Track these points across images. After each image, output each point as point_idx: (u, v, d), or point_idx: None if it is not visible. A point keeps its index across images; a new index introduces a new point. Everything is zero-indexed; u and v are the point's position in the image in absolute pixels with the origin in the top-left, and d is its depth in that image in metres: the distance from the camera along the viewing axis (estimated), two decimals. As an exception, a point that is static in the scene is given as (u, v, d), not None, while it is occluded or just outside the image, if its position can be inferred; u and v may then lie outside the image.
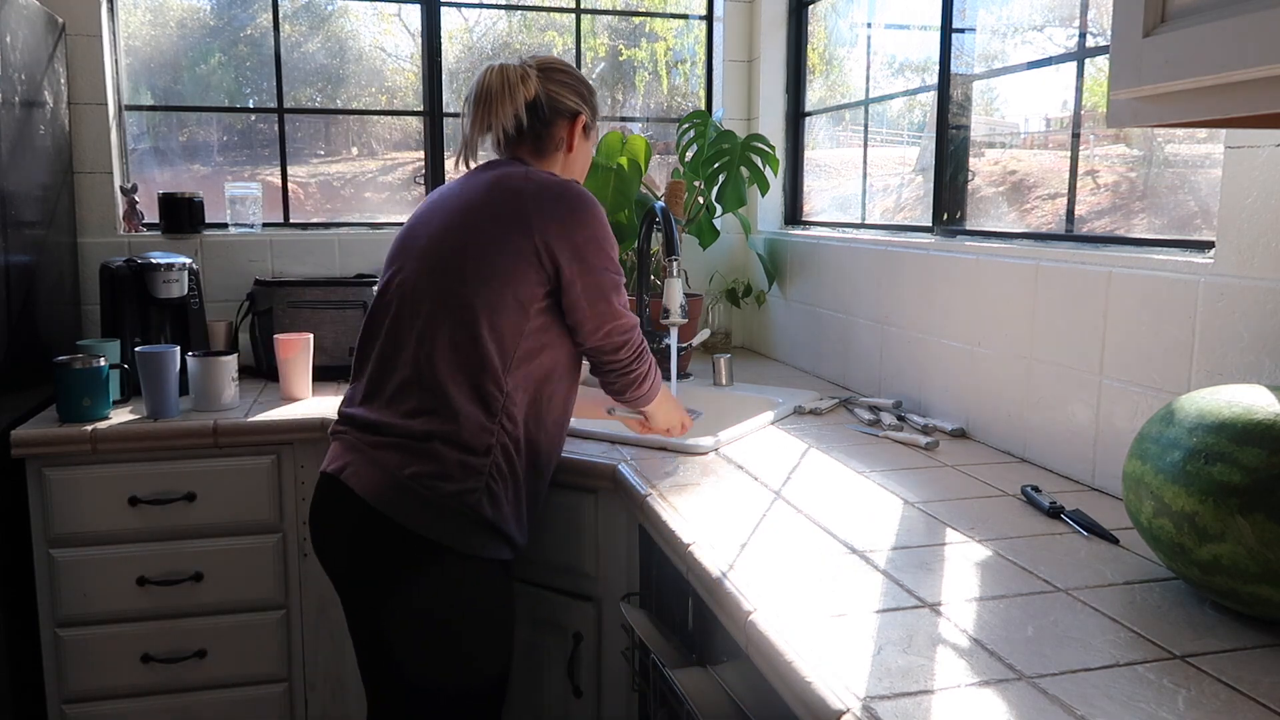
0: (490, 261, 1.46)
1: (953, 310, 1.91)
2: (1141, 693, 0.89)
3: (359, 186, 2.93)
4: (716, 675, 1.29)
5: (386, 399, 1.49)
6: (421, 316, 1.48)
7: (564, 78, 1.61)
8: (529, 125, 1.58)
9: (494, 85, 1.55)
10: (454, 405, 1.44)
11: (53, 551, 1.96)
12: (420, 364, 1.46)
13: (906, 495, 1.51)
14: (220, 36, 2.75)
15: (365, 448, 1.47)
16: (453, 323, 1.46)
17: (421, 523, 1.42)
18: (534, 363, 1.50)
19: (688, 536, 1.32)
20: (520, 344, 1.47)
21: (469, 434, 1.44)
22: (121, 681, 2.03)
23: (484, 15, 3.01)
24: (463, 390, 1.45)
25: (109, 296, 2.24)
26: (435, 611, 1.47)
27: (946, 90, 2.11)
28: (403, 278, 1.53)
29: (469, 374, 1.45)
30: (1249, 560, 0.97)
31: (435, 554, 1.44)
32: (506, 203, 1.48)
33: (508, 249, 1.46)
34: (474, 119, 1.57)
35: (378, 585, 1.47)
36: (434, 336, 1.46)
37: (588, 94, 1.64)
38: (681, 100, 3.15)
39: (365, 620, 1.53)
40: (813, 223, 2.82)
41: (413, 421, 1.45)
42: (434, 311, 1.47)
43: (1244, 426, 1.00)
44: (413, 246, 1.54)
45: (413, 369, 1.47)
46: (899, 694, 0.89)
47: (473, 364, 1.45)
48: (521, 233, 1.46)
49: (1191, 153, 1.65)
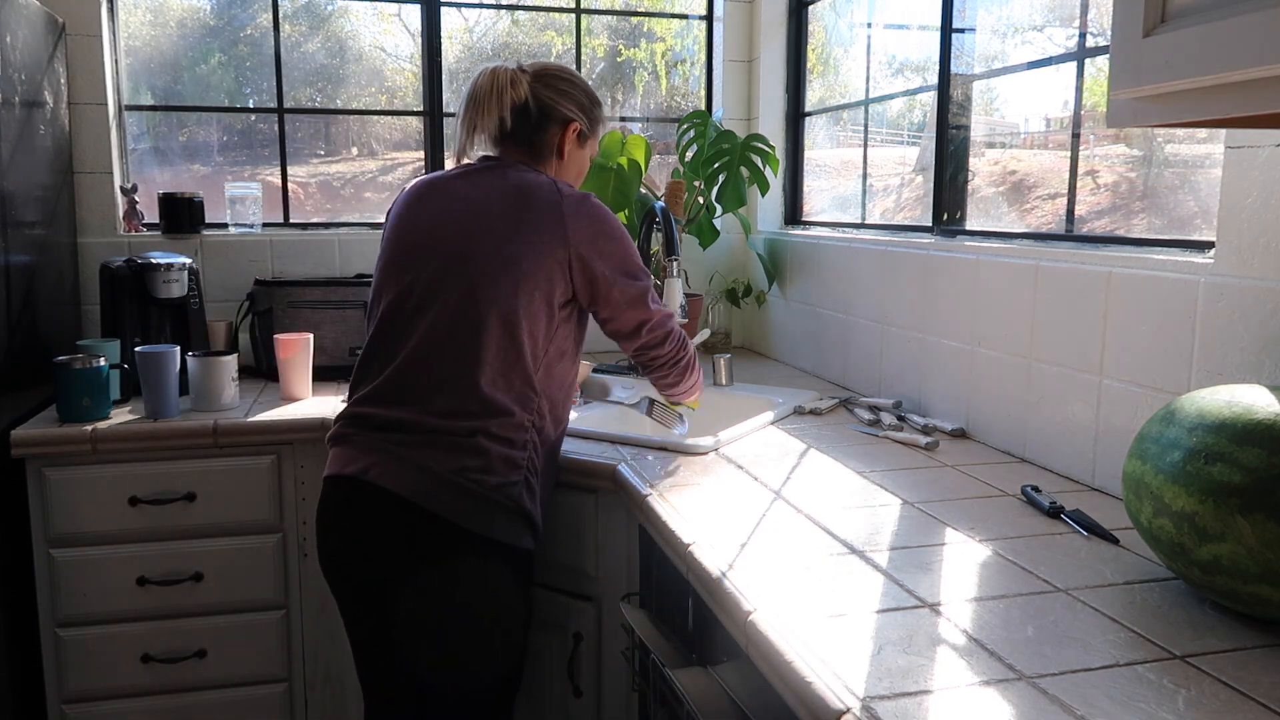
0: (530, 268, 1.49)
1: (953, 310, 1.91)
2: (1141, 693, 0.89)
3: (359, 186, 2.93)
4: (716, 675, 1.29)
5: (418, 398, 1.48)
6: (460, 317, 1.48)
7: (562, 85, 1.61)
8: (518, 128, 1.59)
9: (483, 87, 1.57)
10: (498, 403, 1.48)
11: (53, 551, 1.96)
12: (462, 363, 1.47)
13: (906, 495, 1.51)
14: (220, 36, 2.75)
15: (391, 446, 1.47)
16: (496, 325, 1.48)
17: (467, 515, 1.45)
18: (556, 365, 1.56)
19: (688, 536, 1.32)
20: (549, 347, 1.53)
21: (511, 430, 1.49)
22: (121, 682, 2.02)
23: (484, 15, 3.01)
24: (506, 389, 1.49)
25: (109, 296, 2.24)
26: (473, 604, 1.49)
27: (946, 90, 2.11)
28: (429, 277, 1.52)
29: (510, 374, 1.49)
30: (1249, 560, 0.97)
31: (477, 547, 1.46)
32: (542, 212, 1.51)
33: (547, 258, 1.50)
34: (466, 120, 1.59)
35: (414, 584, 1.46)
36: (475, 337, 1.47)
37: (588, 104, 1.64)
38: (681, 100, 3.15)
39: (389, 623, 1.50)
40: (813, 223, 2.82)
41: (455, 419, 1.46)
42: (472, 315, 1.48)
43: (1244, 426, 1.00)
44: (435, 250, 1.53)
45: (451, 368, 1.48)
46: (899, 694, 0.89)
47: (514, 364, 1.49)
48: (559, 242, 1.50)
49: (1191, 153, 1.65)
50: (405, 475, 1.45)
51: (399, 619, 1.49)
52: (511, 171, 1.57)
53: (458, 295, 1.49)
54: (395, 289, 1.55)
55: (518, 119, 1.58)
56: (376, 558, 1.49)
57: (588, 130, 1.65)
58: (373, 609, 1.52)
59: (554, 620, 1.77)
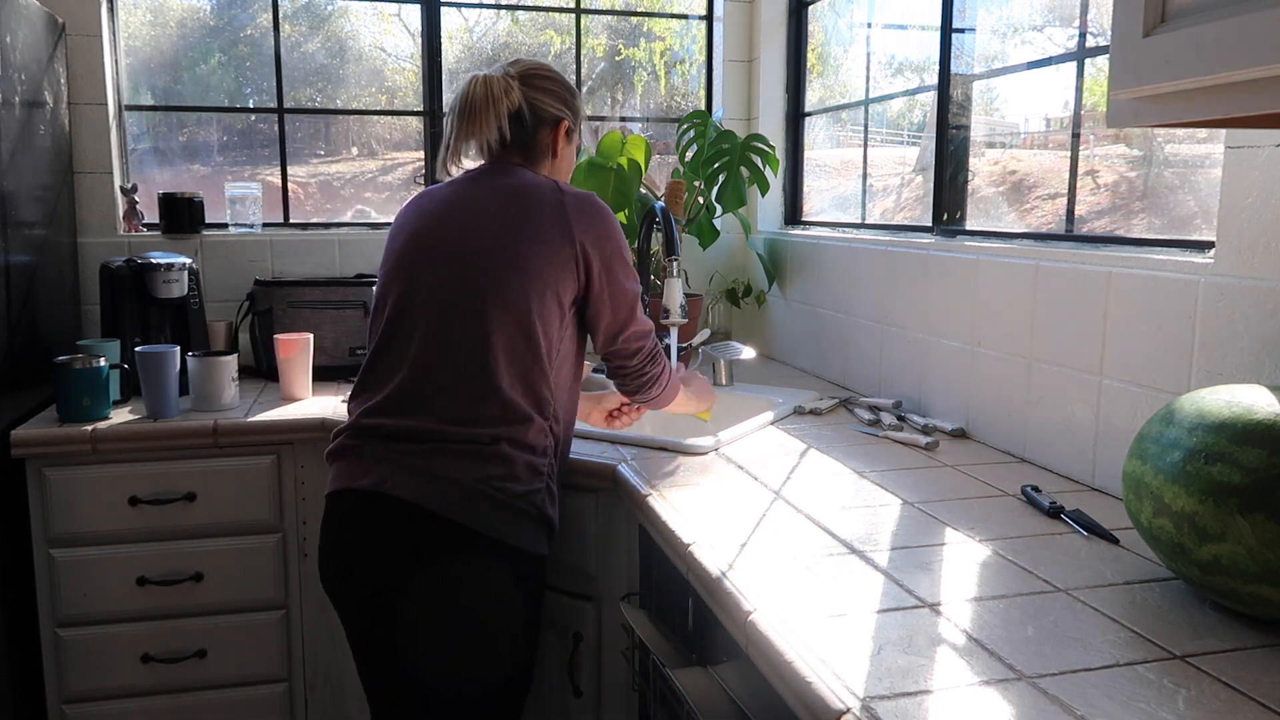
0: (539, 268, 1.48)
1: (953, 310, 1.91)
2: (1141, 693, 0.89)
3: (359, 186, 2.93)
4: (716, 675, 1.29)
5: (431, 406, 1.46)
6: (470, 323, 1.47)
7: (546, 84, 1.61)
8: (514, 134, 1.59)
9: (478, 97, 1.55)
10: (518, 407, 1.47)
11: (53, 551, 1.96)
12: (477, 369, 1.46)
13: (906, 495, 1.51)
14: (220, 36, 2.75)
15: (404, 457, 1.44)
16: (509, 328, 1.47)
17: (493, 525, 1.43)
18: (566, 366, 1.56)
19: (688, 536, 1.32)
20: (561, 347, 1.53)
21: (533, 436, 1.48)
22: (121, 682, 2.02)
23: (484, 15, 3.01)
24: (524, 394, 1.48)
25: (109, 296, 2.24)
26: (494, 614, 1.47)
27: (946, 90, 2.11)
28: (436, 283, 1.50)
29: (527, 378, 1.48)
30: (1249, 560, 0.97)
31: (502, 556, 1.45)
32: (546, 211, 1.51)
33: (555, 257, 1.49)
34: (458, 129, 1.58)
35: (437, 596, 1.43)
36: (488, 341, 1.46)
37: (570, 97, 1.64)
38: (681, 100, 3.15)
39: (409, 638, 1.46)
40: (813, 223, 2.82)
41: (475, 427, 1.45)
42: (485, 317, 1.47)
43: (1244, 426, 1.00)
44: (439, 252, 1.51)
45: (466, 374, 1.46)
46: (899, 694, 0.89)
47: (530, 367, 1.48)
48: (565, 240, 1.50)
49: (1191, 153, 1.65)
50: (424, 486, 1.42)
51: (412, 628, 1.45)
52: (511, 174, 1.57)
53: (466, 300, 1.47)
54: (400, 297, 1.53)
55: (514, 125, 1.58)
56: (388, 569, 1.45)
57: (574, 125, 1.66)
58: (382, 619, 1.47)
59: (554, 620, 1.77)
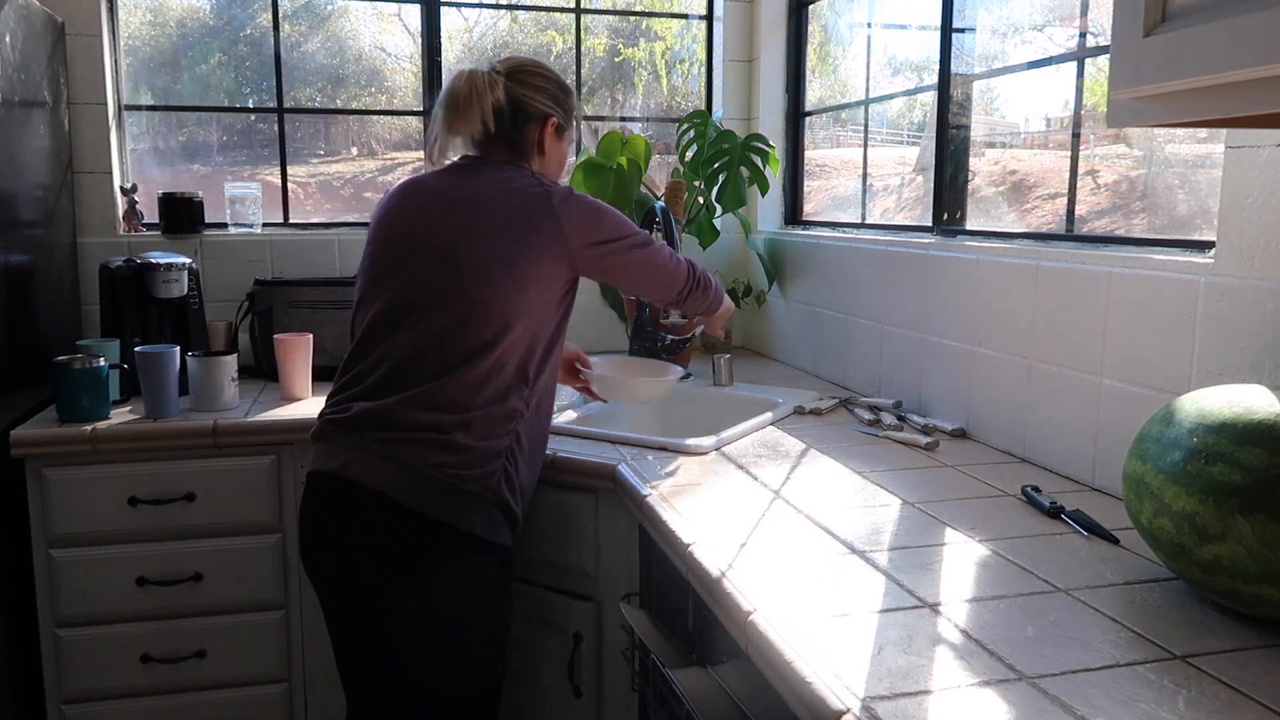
0: (525, 267, 1.50)
1: (953, 310, 1.91)
2: (1142, 693, 0.89)
3: (359, 186, 2.93)
4: (716, 675, 1.29)
5: (406, 396, 1.48)
6: (451, 317, 1.48)
7: (536, 80, 1.62)
8: (499, 129, 1.59)
9: (461, 92, 1.57)
10: (483, 400, 1.48)
11: (52, 552, 1.96)
12: (454, 362, 1.48)
13: (906, 495, 1.51)
14: (220, 36, 2.75)
15: (372, 444, 1.47)
16: (492, 323, 1.48)
17: (442, 508, 1.45)
18: (549, 356, 1.58)
19: (687, 536, 1.32)
20: (543, 341, 1.55)
21: (495, 423, 1.49)
22: (121, 682, 2.02)
23: (484, 15, 3.01)
24: (495, 387, 1.49)
25: (109, 296, 2.24)
26: (450, 601, 1.49)
27: (946, 90, 2.11)
28: (419, 277, 1.52)
29: (505, 369, 1.50)
30: (1249, 560, 0.97)
31: (454, 542, 1.47)
32: (532, 211, 1.52)
33: (542, 256, 1.51)
34: (443, 123, 1.60)
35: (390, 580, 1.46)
36: (468, 337, 1.48)
37: (561, 95, 1.65)
38: (681, 100, 3.15)
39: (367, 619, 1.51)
40: (813, 223, 2.82)
41: (437, 415, 1.46)
42: (465, 312, 1.48)
43: (1244, 426, 1.00)
44: (423, 247, 1.53)
45: (443, 367, 1.48)
46: (899, 694, 0.89)
47: (509, 360, 1.50)
48: (554, 240, 1.51)
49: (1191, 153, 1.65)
50: (385, 471, 1.45)
51: (371, 610, 1.49)
52: (496, 170, 1.58)
53: (449, 295, 1.49)
54: (382, 290, 1.55)
55: (498, 120, 1.59)
56: (352, 553, 1.49)
57: (564, 122, 1.66)
58: (347, 601, 1.52)
59: (554, 620, 1.77)
